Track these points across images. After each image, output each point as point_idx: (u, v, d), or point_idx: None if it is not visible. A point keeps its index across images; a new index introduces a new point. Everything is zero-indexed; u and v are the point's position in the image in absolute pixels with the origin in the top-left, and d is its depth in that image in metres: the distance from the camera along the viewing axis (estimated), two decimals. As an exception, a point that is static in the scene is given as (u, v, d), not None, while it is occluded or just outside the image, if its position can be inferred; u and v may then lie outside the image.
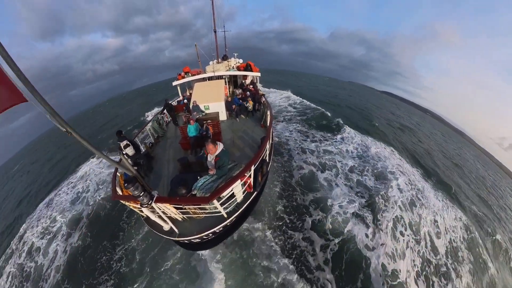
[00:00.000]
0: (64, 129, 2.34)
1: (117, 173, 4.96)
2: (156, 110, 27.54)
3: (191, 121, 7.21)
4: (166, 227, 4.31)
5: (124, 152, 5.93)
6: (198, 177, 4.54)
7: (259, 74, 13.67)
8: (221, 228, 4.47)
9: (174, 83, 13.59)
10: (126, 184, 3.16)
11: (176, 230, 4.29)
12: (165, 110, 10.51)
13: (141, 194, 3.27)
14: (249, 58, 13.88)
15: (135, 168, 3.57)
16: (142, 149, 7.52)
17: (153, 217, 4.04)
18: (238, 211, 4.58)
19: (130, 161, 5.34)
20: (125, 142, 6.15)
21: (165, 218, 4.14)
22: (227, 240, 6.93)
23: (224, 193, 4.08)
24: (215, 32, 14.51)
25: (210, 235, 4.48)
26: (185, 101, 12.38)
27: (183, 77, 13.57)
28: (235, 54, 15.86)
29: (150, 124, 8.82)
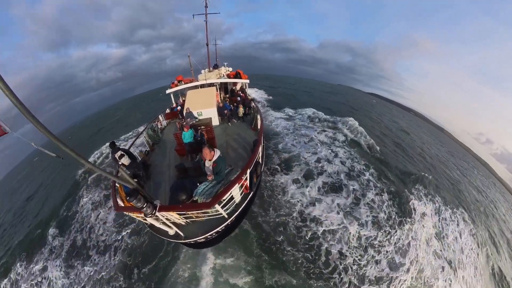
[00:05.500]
0: (55, 154, 2.13)
1: (116, 184, 4.65)
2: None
3: (185, 128, 6.88)
4: (171, 231, 4.14)
5: (120, 163, 5.51)
6: (198, 184, 4.39)
7: (247, 81, 13.60)
8: (223, 227, 4.40)
9: (168, 91, 13.13)
10: (128, 198, 2.97)
11: (181, 233, 4.14)
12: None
13: (144, 206, 3.07)
14: (243, 65, 14.18)
15: (135, 180, 3.35)
16: (138, 157, 7.07)
17: (157, 224, 3.84)
18: (237, 211, 4.53)
19: (128, 172, 4.91)
20: (119, 153, 5.57)
21: (169, 224, 3.96)
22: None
23: (224, 197, 3.98)
24: (207, 45, 16.16)
25: (214, 234, 4.40)
26: (179, 107, 11.97)
27: (177, 85, 13.15)
28: (225, 63, 16.13)
29: (144, 132, 8.41)
